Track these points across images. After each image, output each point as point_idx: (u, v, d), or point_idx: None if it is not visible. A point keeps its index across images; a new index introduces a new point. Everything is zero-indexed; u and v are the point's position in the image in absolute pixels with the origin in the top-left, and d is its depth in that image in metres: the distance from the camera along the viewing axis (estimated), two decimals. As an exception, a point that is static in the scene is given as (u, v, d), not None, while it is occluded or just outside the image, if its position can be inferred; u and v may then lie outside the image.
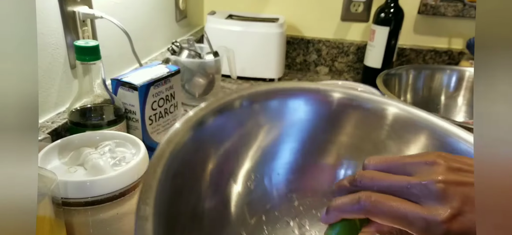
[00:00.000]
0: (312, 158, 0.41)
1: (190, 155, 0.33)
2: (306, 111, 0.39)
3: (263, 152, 0.40)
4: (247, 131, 0.39)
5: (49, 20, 0.55)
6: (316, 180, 0.42)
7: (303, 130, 0.40)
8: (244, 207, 0.39)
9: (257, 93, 0.39)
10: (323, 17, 1.12)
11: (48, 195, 0.33)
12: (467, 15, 1.02)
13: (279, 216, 0.41)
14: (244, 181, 0.39)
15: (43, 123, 0.56)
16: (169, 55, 0.81)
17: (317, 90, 0.40)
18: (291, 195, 0.42)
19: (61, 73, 0.59)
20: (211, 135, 0.36)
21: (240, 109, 0.38)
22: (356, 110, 0.39)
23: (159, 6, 0.89)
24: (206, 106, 0.36)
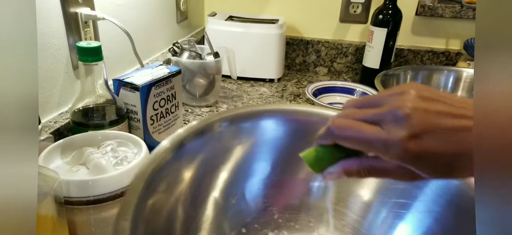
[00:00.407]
0: (287, 173, 0.43)
1: (170, 174, 0.35)
2: (277, 130, 0.42)
3: (241, 169, 0.42)
4: (224, 150, 0.41)
5: (51, 22, 0.56)
6: (292, 193, 0.43)
7: (276, 147, 0.42)
8: (224, 221, 0.41)
9: (235, 116, 0.41)
10: (322, 18, 1.13)
11: (50, 194, 0.34)
12: (464, 16, 1.03)
13: (258, 227, 0.42)
14: (224, 196, 0.41)
15: (46, 122, 0.56)
16: (170, 56, 0.82)
17: (286, 111, 0.43)
18: (271, 209, 0.43)
19: (64, 73, 0.60)
20: (191, 155, 0.38)
21: (218, 131, 0.40)
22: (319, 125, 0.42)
23: (160, 8, 0.90)
24: (187, 129, 0.38)
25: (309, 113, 0.43)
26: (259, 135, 0.42)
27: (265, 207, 0.43)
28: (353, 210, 0.42)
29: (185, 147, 0.37)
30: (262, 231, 0.42)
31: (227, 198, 0.41)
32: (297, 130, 0.42)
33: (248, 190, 0.43)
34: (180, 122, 0.63)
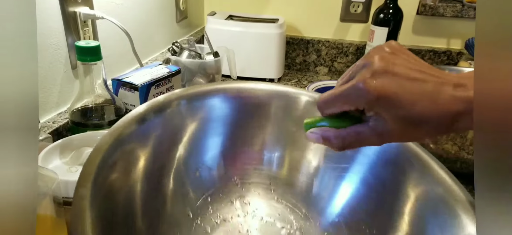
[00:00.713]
0: (240, 145, 0.48)
1: (131, 147, 0.37)
2: (223, 108, 0.47)
3: (199, 144, 0.46)
4: (183, 127, 0.44)
5: (50, 21, 0.55)
6: (247, 162, 0.48)
7: (227, 123, 0.47)
8: (188, 192, 0.44)
9: (192, 94, 0.45)
10: (322, 18, 1.13)
11: (49, 194, 0.33)
12: (466, 16, 1.02)
13: (223, 196, 0.47)
14: (186, 169, 0.44)
15: (45, 122, 0.56)
16: (169, 56, 0.81)
17: (230, 89, 0.47)
18: (234, 178, 0.48)
19: (62, 73, 0.59)
20: (152, 130, 0.40)
21: (177, 108, 0.43)
22: (272, 102, 0.47)
23: (159, 7, 0.90)
24: (147, 105, 0.41)
25: (250, 90, 0.48)
26: (210, 111, 0.46)
27: (227, 177, 0.47)
28: (304, 173, 0.48)
29: (146, 122, 0.39)
30: (227, 199, 0.47)
31: (189, 170, 0.45)
32: (243, 105, 0.47)
33: (209, 162, 0.47)
34: (179, 122, 0.62)
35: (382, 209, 0.41)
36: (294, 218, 0.46)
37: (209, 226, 0.44)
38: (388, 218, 0.39)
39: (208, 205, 0.46)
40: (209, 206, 0.46)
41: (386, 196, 0.41)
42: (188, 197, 0.44)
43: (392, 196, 0.40)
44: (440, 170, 0.38)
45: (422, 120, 0.27)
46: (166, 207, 0.41)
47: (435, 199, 0.36)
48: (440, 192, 0.36)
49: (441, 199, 0.35)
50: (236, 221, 0.46)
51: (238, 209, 0.47)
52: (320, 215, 0.45)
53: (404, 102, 0.26)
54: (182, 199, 0.43)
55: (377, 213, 0.41)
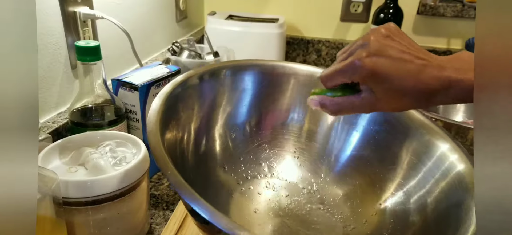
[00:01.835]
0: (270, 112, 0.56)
1: (190, 96, 0.47)
2: (256, 80, 0.55)
3: (234, 110, 0.54)
4: (224, 92, 0.53)
5: (49, 21, 0.55)
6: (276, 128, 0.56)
7: (258, 93, 0.55)
8: (226, 149, 0.53)
9: (235, 65, 0.54)
10: (322, 18, 1.13)
11: (49, 194, 0.33)
12: (466, 16, 1.02)
13: (253, 158, 0.55)
14: (225, 130, 0.53)
15: (44, 122, 0.56)
16: (169, 56, 0.81)
17: (266, 65, 0.56)
18: (264, 145, 0.56)
19: (62, 73, 0.59)
20: (206, 89, 0.50)
21: (223, 76, 0.52)
22: (292, 77, 0.56)
23: (159, 7, 0.90)
24: (204, 67, 0.50)
25: (277, 67, 0.57)
26: (246, 82, 0.54)
27: (258, 143, 0.55)
28: (321, 131, 0.56)
29: (203, 80, 0.49)
30: (256, 161, 0.55)
31: (227, 131, 0.53)
32: (273, 78, 0.56)
33: (242, 127, 0.54)
34: (179, 122, 0.62)
35: (383, 153, 0.50)
36: (314, 181, 0.54)
37: (241, 179, 0.53)
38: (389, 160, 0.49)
39: (241, 163, 0.54)
40: (241, 164, 0.54)
41: (386, 142, 0.50)
42: (225, 154, 0.52)
43: (391, 142, 0.49)
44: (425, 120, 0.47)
45: (405, 94, 0.32)
46: (207, 156, 0.50)
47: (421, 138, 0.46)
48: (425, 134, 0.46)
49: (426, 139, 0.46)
50: (264, 179, 0.54)
51: (266, 170, 0.55)
52: (333, 172, 0.53)
53: (391, 79, 0.31)
54: (220, 154, 0.52)
55: (379, 156, 0.50)
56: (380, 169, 0.49)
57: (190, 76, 0.47)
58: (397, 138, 0.48)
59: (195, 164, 0.47)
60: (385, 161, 0.49)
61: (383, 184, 0.48)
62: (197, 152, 0.48)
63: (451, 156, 0.42)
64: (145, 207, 0.45)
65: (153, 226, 0.49)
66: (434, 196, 0.41)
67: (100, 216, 0.40)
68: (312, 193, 0.52)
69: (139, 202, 0.43)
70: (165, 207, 0.53)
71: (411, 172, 0.46)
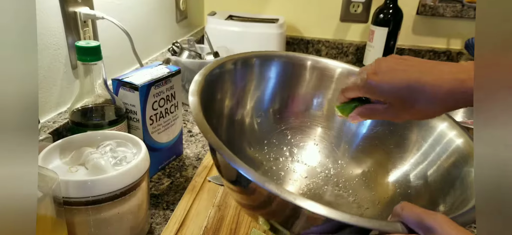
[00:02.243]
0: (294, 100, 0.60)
1: (225, 79, 0.51)
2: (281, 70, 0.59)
3: (261, 96, 0.58)
4: (252, 78, 0.56)
5: (50, 21, 0.55)
6: (298, 115, 0.60)
7: (282, 81, 0.59)
8: (251, 131, 0.56)
9: (263, 55, 0.57)
10: (322, 18, 1.13)
11: (49, 194, 0.33)
12: (465, 16, 1.02)
13: (276, 142, 0.59)
14: (251, 115, 0.57)
15: (45, 122, 0.56)
16: (169, 56, 0.81)
17: (291, 56, 0.60)
18: (286, 131, 0.60)
19: (62, 73, 0.59)
20: (237, 73, 0.54)
21: (253, 64, 0.56)
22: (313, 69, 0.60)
23: (159, 7, 0.90)
24: (237, 54, 0.54)
25: (300, 59, 0.60)
26: (271, 71, 0.58)
27: (280, 129, 0.59)
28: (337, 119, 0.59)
29: (236, 66, 0.53)
30: (279, 145, 0.59)
31: (254, 115, 0.57)
32: (292, 70, 0.59)
33: (267, 112, 0.58)
34: (179, 122, 0.62)
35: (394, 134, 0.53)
36: (331, 166, 0.57)
37: (264, 160, 0.57)
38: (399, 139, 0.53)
39: (264, 146, 0.57)
40: (265, 147, 0.57)
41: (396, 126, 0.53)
42: (251, 134, 0.56)
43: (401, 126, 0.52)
44: None
45: (418, 102, 0.35)
46: (235, 134, 0.54)
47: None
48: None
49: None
50: (285, 161, 0.58)
51: (287, 153, 0.59)
52: (349, 151, 0.57)
53: (397, 88, 0.36)
54: (247, 133, 0.56)
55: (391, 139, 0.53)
56: (391, 151, 0.53)
57: (226, 60, 0.51)
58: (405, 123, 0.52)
59: (227, 138, 0.51)
60: (395, 144, 0.52)
61: (394, 166, 0.52)
62: (228, 128, 0.52)
63: (457, 140, 0.45)
64: (145, 207, 0.45)
65: (153, 226, 0.49)
66: (440, 172, 0.45)
67: (100, 215, 0.40)
68: (329, 177, 0.56)
69: (139, 201, 0.43)
70: (165, 207, 0.53)
71: (419, 154, 0.49)
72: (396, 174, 0.51)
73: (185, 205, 0.52)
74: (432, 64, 0.35)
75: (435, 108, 0.35)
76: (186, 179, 0.59)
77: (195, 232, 0.48)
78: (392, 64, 0.37)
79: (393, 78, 0.36)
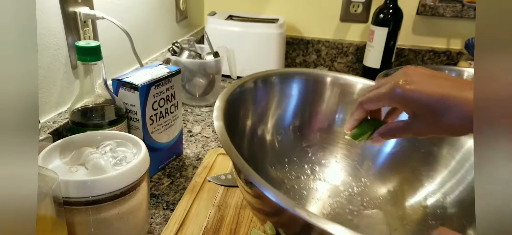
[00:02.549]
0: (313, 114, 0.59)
1: (246, 97, 0.52)
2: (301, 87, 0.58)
3: (282, 114, 0.58)
4: (273, 96, 0.57)
5: (50, 21, 0.55)
6: (319, 131, 0.59)
7: (302, 99, 0.58)
8: (272, 150, 0.56)
9: (283, 73, 0.58)
10: (322, 18, 1.13)
11: (49, 194, 0.33)
12: (465, 16, 1.02)
13: (297, 160, 0.57)
14: (272, 133, 0.56)
15: (45, 122, 0.56)
16: (169, 56, 0.81)
17: (311, 73, 0.60)
18: (307, 149, 0.58)
19: (62, 73, 0.59)
20: (258, 91, 0.54)
21: (273, 82, 0.56)
22: (333, 85, 0.59)
23: (159, 7, 0.90)
24: (256, 74, 0.54)
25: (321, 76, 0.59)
26: (292, 88, 0.58)
27: (301, 147, 0.58)
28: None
29: (257, 84, 0.54)
30: (300, 163, 0.57)
31: (276, 134, 0.56)
32: (313, 87, 0.59)
33: (288, 130, 0.57)
34: (179, 122, 0.62)
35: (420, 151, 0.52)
36: (355, 184, 0.56)
37: (286, 178, 0.55)
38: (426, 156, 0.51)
39: (285, 164, 0.56)
40: (286, 165, 0.56)
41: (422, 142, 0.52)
42: (272, 153, 0.56)
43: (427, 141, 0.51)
44: None
45: (448, 113, 0.34)
46: (257, 152, 0.53)
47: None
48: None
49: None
50: (307, 180, 0.56)
51: (308, 171, 0.57)
52: (373, 170, 0.56)
53: (430, 99, 0.35)
54: (269, 152, 0.55)
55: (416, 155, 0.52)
56: (417, 169, 0.51)
57: (247, 80, 0.52)
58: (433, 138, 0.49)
59: (249, 156, 0.50)
60: (422, 161, 0.51)
61: (421, 184, 0.50)
62: (250, 147, 0.52)
63: None
64: (145, 207, 0.45)
65: (153, 226, 0.49)
66: (470, 190, 0.44)
67: (100, 215, 0.40)
68: (352, 195, 0.54)
69: (139, 201, 0.43)
70: (165, 207, 0.53)
71: (447, 171, 0.48)
72: (423, 192, 0.50)
73: (185, 205, 0.52)
74: (466, 81, 0.35)
75: (463, 125, 0.34)
76: (186, 179, 0.59)
77: (195, 232, 0.48)
78: (424, 77, 0.36)
79: (427, 89, 0.35)
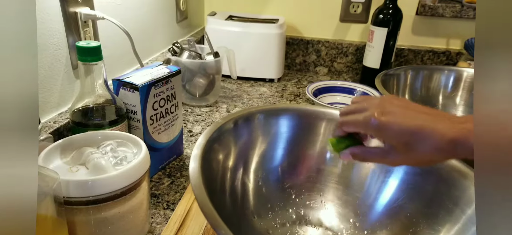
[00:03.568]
0: (300, 157, 0.55)
1: (226, 140, 0.48)
2: (289, 125, 0.55)
3: (265, 154, 0.54)
4: (256, 138, 0.53)
5: (51, 21, 0.56)
6: (306, 173, 0.55)
7: (289, 138, 0.55)
8: (255, 196, 0.52)
9: (268, 110, 0.55)
10: (322, 18, 1.13)
11: (50, 194, 0.34)
12: (465, 16, 1.02)
13: (281, 205, 0.53)
14: (254, 178, 0.52)
15: (45, 122, 0.56)
16: (170, 56, 0.81)
17: (298, 109, 0.57)
18: (290, 190, 0.54)
19: (63, 73, 0.59)
20: (240, 132, 0.51)
21: (257, 121, 0.53)
22: (322, 120, 0.56)
23: (160, 7, 0.90)
24: (238, 112, 0.52)
25: (312, 112, 0.56)
26: (278, 127, 0.55)
27: (284, 188, 0.54)
28: (355, 174, 0.54)
29: (238, 125, 0.50)
30: (284, 208, 0.53)
31: (257, 178, 0.53)
32: (304, 124, 0.56)
33: (272, 172, 0.54)
34: (180, 122, 0.62)
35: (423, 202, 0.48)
36: (343, 227, 0.52)
37: (270, 228, 0.51)
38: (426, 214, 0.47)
39: (268, 210, 0.52)
40: (269, 211, 0.52)
41: (425, 191, 0.48)
42: (255, 200, 0.51)
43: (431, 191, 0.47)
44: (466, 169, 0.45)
45: (423, 144, 0.34)
46: (238, 200, 0.50)
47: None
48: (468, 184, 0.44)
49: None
50: (292, 227, 0.52)
51: (293, 217, 0.53)
52: (366, 220, 0.51)
53: (404, 131, 0.35)
54: (252, 200, 0.51)
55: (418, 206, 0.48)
56: (420, 221, 0.47)
57: (228, 120, 0.49)
58: (438, 187, 0.46)
59: (230, 207, 0.47)
60: (425, 212, 0.47)
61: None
62: (231, 194, 0.48)
63: None
64: (145, 207, 0.45)
65: (153, 226, 0.49)
66: None
67: (101, 215, 0.40)
68: None
69: (139, 201, 0.43)
70: (165, 207, 0.53)
71: (452, 224, 0.44)
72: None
73: (186, 205, 0.52)
74: (440, 113, 0.36)
75: (435, 155, 0.34)
76: (186, 178, 0.59)
77: (195, 231, 0.48)
78: (399, 108, 0.36)
79: (403, 121, 0.35)
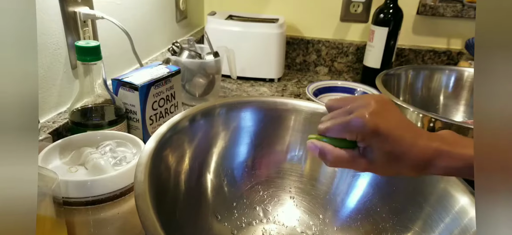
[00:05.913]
0: (265, 151, 0.53)
1: (180, 141, 0.43)
2: (253, 119, 0.52)
3: (228, 151, 0.51)
4: (216, 134, 0.50)
5: (50, 21, 0.55)
6: (274, 169, 0.53)
7: (254, 132, 0.52)
8: (217, 196, 0.49)
9: (230, 104, 0.51)
10: (322, 18, 1.13)
11: (49, 194, 0.33)
12: (466, 16, 1.02)
13: (247, 202, 0.51)
14: (216, 175, 0.49)
15: (44, 122, 0.56)
16: (169, 56, 0.81)
17: (264, 101, 0.54)
18: (257, 187, 0.52)
19: (62, 73, 0.59)
20: (197, 130, 0.47)
21: (218, 115, 0.50)
22: (290, 112, 0.53)
23: (159, 7, 0.90)
24: (197, 108, 0.47)
25: (280, 103, 0.53)
26: (242, 121, 0.51)
27: (251, 184, 0.51)
28: (324, 169, 0.52)
29: (195, 122, 0.47)
30: (251, 205, 0.51)
31: (221, 174, 0.49)
32: (271, 117, 0.53)
33: (236, 169, 0.51)
34: (179, 122, 0.62)
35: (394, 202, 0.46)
36: (313, 223, 0.50)
37: (235, 228, 0.48)
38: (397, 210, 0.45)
39: (234, 209, 0.50)
40: (234, 210, 0.50)
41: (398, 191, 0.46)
42: (217, 200, 0.49)
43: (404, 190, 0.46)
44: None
45: (401, 158, 0.33)
46: (199, 205, 0.47)
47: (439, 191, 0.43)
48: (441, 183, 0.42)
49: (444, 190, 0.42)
50: (259, 225, 0.50)
51: (261, 214, 0.51)
52: (335, 216, 0.50)
53: (391, 140, 0.33)
54: (212, 200, 0.48)
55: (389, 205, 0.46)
56: (390, 219, 0.45)
57: (183, 118, 0.45)
58: (412, 187, 0.45)
59: (187, 214, 0.44)
60: (396, 211, 0.45)
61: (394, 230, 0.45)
62: (189, 200, 0.44)
63: (471, 211, 0.38)
64: (145, 207, 0.45)
65: (153, 226, 0.49)
66: None
67: (100, 216, 0.40)
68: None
69: (139, 202, 0.43)
70: (165, 207, 0.52)
71: (426, 226, 0.42)
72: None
73: (185, 205, 0.52)
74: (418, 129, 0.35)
75: (409, 171, 0.34)
76: (186, 179, 0.59)
77: (195, 232, 0.47)
78: (396, 119, 0.34)
79: (398, 133, 0.33)
